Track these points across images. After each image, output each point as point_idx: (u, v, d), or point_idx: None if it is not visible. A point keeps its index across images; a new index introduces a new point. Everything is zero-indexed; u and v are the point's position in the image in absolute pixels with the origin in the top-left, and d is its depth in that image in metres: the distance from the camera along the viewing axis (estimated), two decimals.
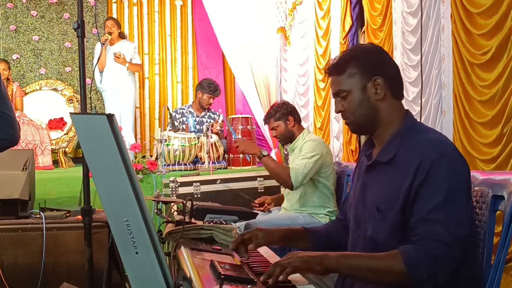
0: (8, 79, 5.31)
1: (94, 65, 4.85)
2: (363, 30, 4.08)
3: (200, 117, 4.75)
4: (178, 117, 4.72)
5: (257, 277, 1.25)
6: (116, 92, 5.41)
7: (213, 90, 4.70)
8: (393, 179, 1.36)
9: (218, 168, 4.21)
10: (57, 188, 3.70)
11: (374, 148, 1.51)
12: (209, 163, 4.03)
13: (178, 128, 4.46)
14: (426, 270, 1.22)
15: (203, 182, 3.66)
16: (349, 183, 2.93)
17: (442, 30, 2.87)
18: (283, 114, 3.11)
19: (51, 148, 4.87)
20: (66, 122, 5.29)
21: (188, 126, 4.66)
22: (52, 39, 6.49)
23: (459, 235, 1.25)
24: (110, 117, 1.07)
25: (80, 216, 2.54)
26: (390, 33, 3.49)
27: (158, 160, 4.00)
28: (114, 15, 6.55)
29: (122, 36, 5.59)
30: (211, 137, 4.17)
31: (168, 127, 4.34)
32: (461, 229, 1.26)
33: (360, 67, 1.44)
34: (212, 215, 1.94)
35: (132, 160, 3.91)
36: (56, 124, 5.23)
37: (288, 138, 3.16)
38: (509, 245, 1.41)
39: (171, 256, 1.45)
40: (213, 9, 5.60)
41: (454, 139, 2.73)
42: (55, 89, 5.80)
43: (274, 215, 3.17)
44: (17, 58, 6.36)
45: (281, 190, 3.71)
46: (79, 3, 2.39)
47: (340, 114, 1.51)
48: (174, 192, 3.56)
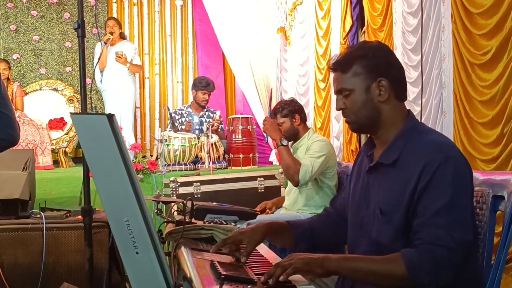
0: (9, 79, 5.32)
1: (95, 65, 4.85)
2: (364, 30, 4.08)
3: (199, 117, 4.76)
4: (177, 118, 4.72)
5: (257, 277, 1.24)
6: (116, 92, 5.42)
7: (205, 85, 4.74)
8: (397, 182, 1.35)
9: (219, 168, 4.21)
10: (58, 188, 3.70)
11: (375, 149, 1.49)
12: (210, 163, 4.03)
13: (178, 129, 4.47)
14: (428, 275, 1.21)
15: (204, 182, 3.66)
16: None
17: (443, 30, 2.86)
18: (290, 112, 3.11)
19: (52, 148, 4.88)
20: (67, 122, 5.29)
21: (191, 124, 4.66)
22: (53, 39, 6.50)
23: (462, 241, 1.24)
24: (111, 117, 1.07)
25: (81, 216, 2.54)
26: (391, 33, 3.49)
27: (158, 160, 4.00)
28: (115, 15, 6.55)
29: (123, 37, 5.60)
30: (211, 137, 4.17)
31: (168, 128, 4.34)
32: (465, 235, 1.25)
33: (366, 67, 1.41)
34: (213, 215, 1.94)
35: (132, 160, 3.91)
36: (57, 124, 5.23)
37: (292, 136, 3.16)
38: (509, 245, 1.41)
39: (172, 256, 1.45)
40: (214, 9, 5.60)
41: (455, 139, 2.73)
42: (56, 89, 5.80)
43: (275, 215, 3.17)
44: (18, 58, 6.37)
45: (282, 191, 3.71)
46: (80, 3, 2.39)
47: (341, 112, 1.50)
48: (174, 192, 3.56)
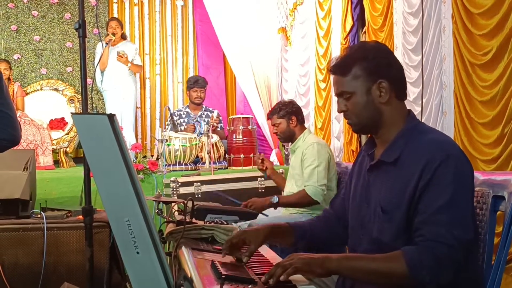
0: (9, 79, 5.32)
1: (96, 65, 4.85)
2: (364, 31, 4.08)
3: (198, 116, 4.77)
4: (176, 119, 4.73)
5: (258, 277, 1.25)
6: (117, 92, 5.42)
7: (193, 82, 4.79)
8: (398, 180, 1.35)
9: (219, 168, 4.21)
10: (58, 188, 3.71)
11: (376, 148, 1.50)
12: (210, 163, 4.03)
13: (178, 129, 4.47)
14: (429, 273, 1.21)
15: (204, 182, 3.67)
16: None
17: (443, 31, 2.86)
18: (287, 113, 3.11)
19: (52, 148, 4.88)
20: (67, 122, 5.30)
21: (195, 127, 4.64)
22: (53, 39, 6.50)
23: (463, 239, 1.24)
24: (111, 117, 1.07)
25: (81, 216, 2.54)
26: (391, 34, 3.49)
27: (159, 160, 4.00)
28: (115, 15, 6.55)
29: (124, 37, 5.61)
30: (212, 137, 4.18)
31: (169, 128, 4.34)
32: (465, 233, 1.25)
33: (365, 70, 1.41)
34: (213, 215, 1.94)
35: (133, 160, 3.92)
36: (57, 124, 5.24)
37: (288, 138, 3.16)
38: (510, 246, 1.41)
39: (172, 256, 1.45)
40: (214, 10, 5.59)
41: (455, 140, 2.72)
42: (56, 89, 5.81)
43: (276, 216, 3.17)
44: (18, 58, 6.37)
45: (282, 193, 3.71)
46: (80, 3, 2.40)
47: (342, 114, 1.50)
48: (175, 192, 3.57)
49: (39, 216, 2.82)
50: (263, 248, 1.61)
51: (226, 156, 4.39)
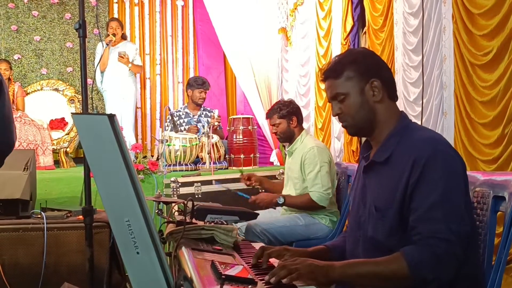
0: (10, 79, 5.33)
1: (96, 65, 4.86)
2: (364, 31, 4.08)
3: (197, 116, 4.77)
4: (176, 119, 4.73)
5: (258, 277, 1.25)
6: (117, 93, 5.42)
7: (201, 83, 4.77)
8: (390, 178, 1.38)
9: (219, 169, 4.21)
10: (58, 188, 3.71)
11: (371, 150, 1.53)
12: (210, 164, 4.03)
13: (178, 129, 4.47)
14: (430, 271, 1.22)
15: (204, 183, 3.66)
16: (350, 184, 2.93)
17: (444, 31, 2.86)
18: (288, 113, 3.09)
19: (52, 148, 4.88)
20: (67, 122, 5.30)
21: (198, 128, 4.63)
22: (54, 39, 6.50)
23: (460, 232, 1.25)
24: (111, 117, 1.07)
25: (81, 216, 2.54)
26: (391, 34, 3.49)
27: (159, 160, 4.00)
28: (116, 16, 6.56)
29: (124, 37, 5.62)
30: (212, 137, 4.17)
31: (169, 128, 4.34)
32: (462, 226, 1.26)
33: (357, 70, 1.45)
34: (213, 216, 1.94)
35: (133, 160, 3.92)
36: (57, 124, 5.24)
37: (288, 138, 3.15)
38: (510, 246, 1.41)
39: (172, 256, 1.44)
40: (214, 10, 5.60)
41: (455, 140, 2.73)
42: (57, 89, 5.81)
43: (275, 217, 3.17)
44: (19, 58, 6.37)
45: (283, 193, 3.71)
46: (81, 4, 2.40)
47: (337, 118, 1.52)
48: (175, 192, 3.57)
49: (39, 216, 2.82)
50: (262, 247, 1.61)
51: (226, 157, 4.39)
